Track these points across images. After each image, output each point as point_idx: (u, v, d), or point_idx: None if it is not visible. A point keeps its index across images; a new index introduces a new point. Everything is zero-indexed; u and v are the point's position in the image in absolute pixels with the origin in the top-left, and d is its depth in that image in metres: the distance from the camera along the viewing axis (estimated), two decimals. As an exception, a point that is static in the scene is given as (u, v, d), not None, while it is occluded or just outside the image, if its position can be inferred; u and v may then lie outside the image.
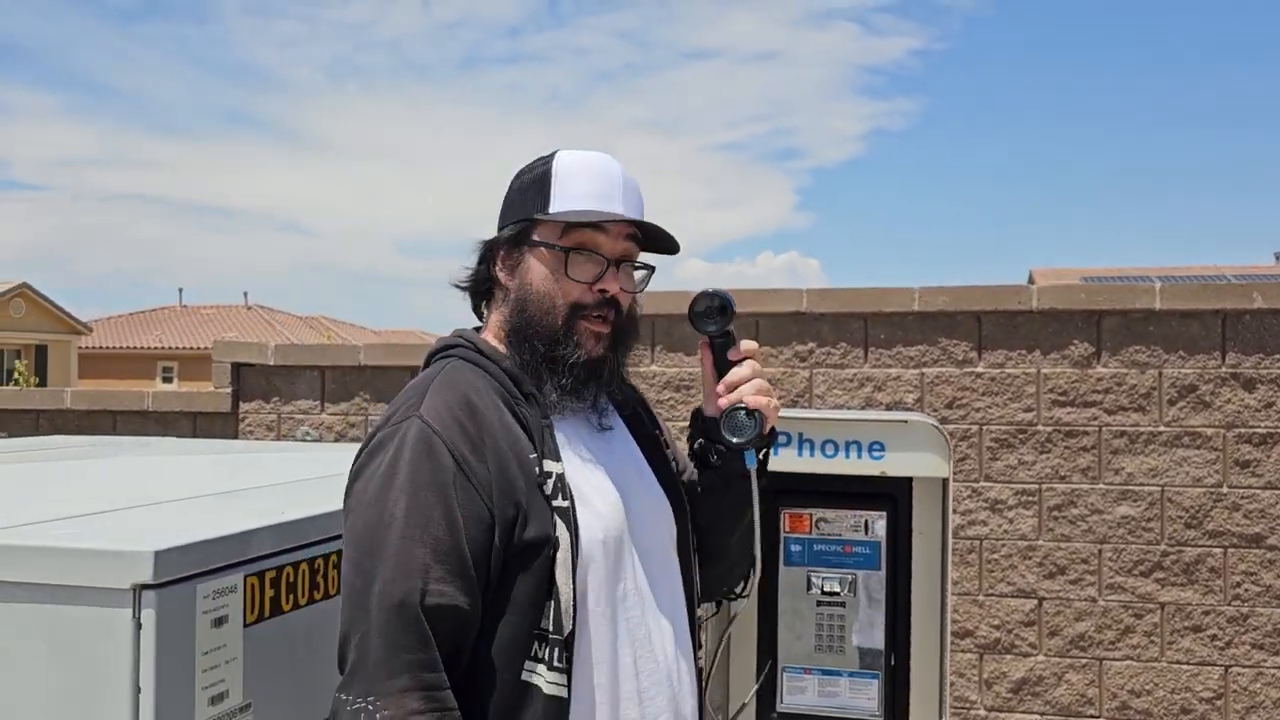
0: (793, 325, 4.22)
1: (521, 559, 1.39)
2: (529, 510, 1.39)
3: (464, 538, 1.37)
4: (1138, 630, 3.94)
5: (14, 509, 1.76)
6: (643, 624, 1.47)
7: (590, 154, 1.54)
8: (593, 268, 1.49)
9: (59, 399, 4.98)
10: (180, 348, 35.85)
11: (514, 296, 1.51)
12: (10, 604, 1.45)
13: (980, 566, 4.05)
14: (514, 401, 1.47)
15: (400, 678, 1.30)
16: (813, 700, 2.06)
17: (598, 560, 1.43)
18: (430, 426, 1.41)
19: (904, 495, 2.10)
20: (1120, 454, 3.97)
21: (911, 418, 1.97)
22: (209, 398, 4.78)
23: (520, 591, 1.38)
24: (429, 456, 1.39)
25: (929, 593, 2.08)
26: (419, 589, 1.33)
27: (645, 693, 1.46)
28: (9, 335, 31.25)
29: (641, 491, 1.54)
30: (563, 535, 1.39)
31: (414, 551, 1.35)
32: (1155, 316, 3.98)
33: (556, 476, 1.42)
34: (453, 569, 1.35)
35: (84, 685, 1.43)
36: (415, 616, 1.32)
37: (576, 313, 1.48)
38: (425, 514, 1.36)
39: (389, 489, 1.39)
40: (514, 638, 1.38)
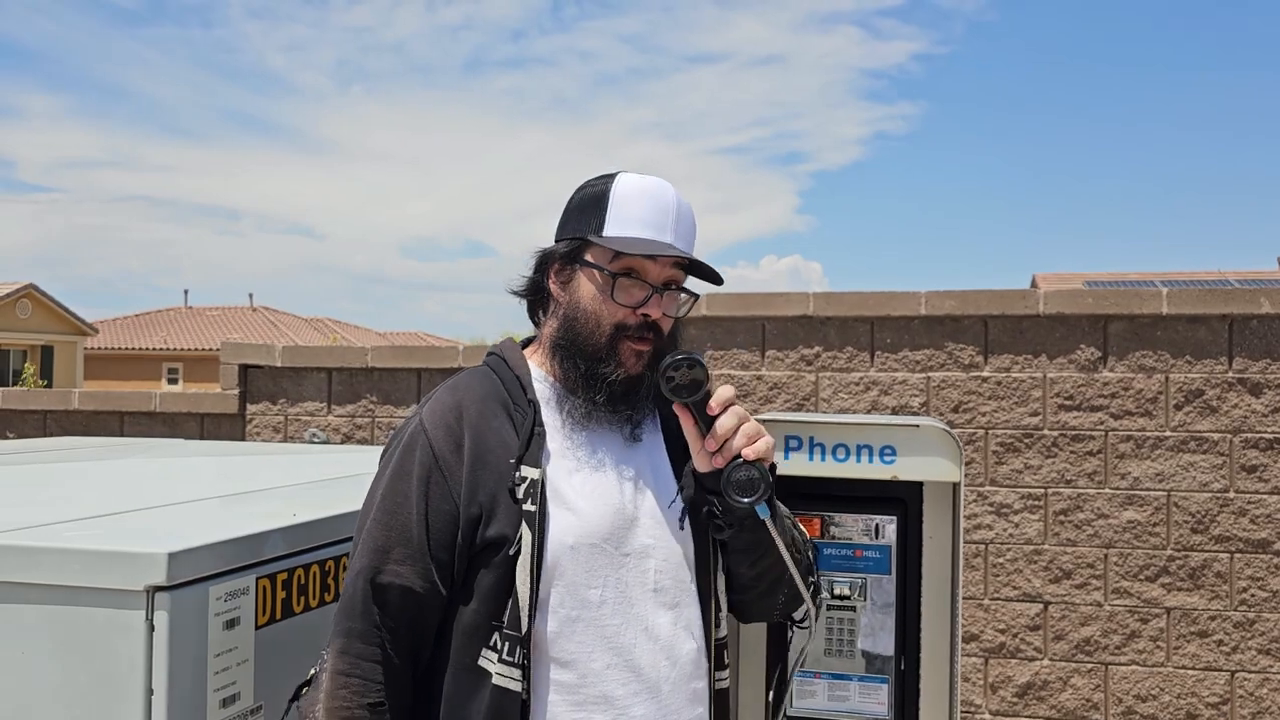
0: (799, 329, 4.22)
1: (484, 555, 1.48)
2: (495, 510, 1.48)
3: (428, 527, 1.49)
4: (1144, 635, 3.94)
5: (27, 510, 1.77)
6: (624, 632, 1.50)
7: (649, 181, 1.59)
8: (638, 293, 1.54)
9: (67, 400, 5.00)
10: (185, 349, 35.90)
11: (564, 311, 1.58)
12: (24, 605, 1.46)
13: (986, 570, 4.05)
14: (514, 408, 1.55)
15: (340, 638, 1.46)
16: (822, 704, 2.05)
17: (565, 565, 1.48)
18: (423, 426, 1.55)
19: (914, 499, 2.10)
20: (1126, 458, 3.97)
21: (923, 422, 1.97)
22: (216, 399, 4.79)
23: (484, 584, 1.48)
24: (412, 452, 1.53)
25: (939, 597, 2.08)
26: (374, 567, 1.48)
27: (618, 700, 1.48)
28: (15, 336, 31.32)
29: (654, 504, 1.56)
30: (526, 537, 1.46)
31: (378, 534, 1.50)
32: (1162, 321, 3.98)
33: (531, 481, 1.49)
34: (412, 553, 1.48)
35: (97, 686, 1.44)
36: (364, 590, 1.47)
37: (620, 333, 1.54)
38: (397, 502, 1.51)
39: (380, 478, 1.56)
40: (474, 625, 1.48)
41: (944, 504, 2.07)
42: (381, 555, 1.49)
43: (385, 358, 4.67)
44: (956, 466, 1.94)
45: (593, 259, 1.56)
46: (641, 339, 1.54)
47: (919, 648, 2.06)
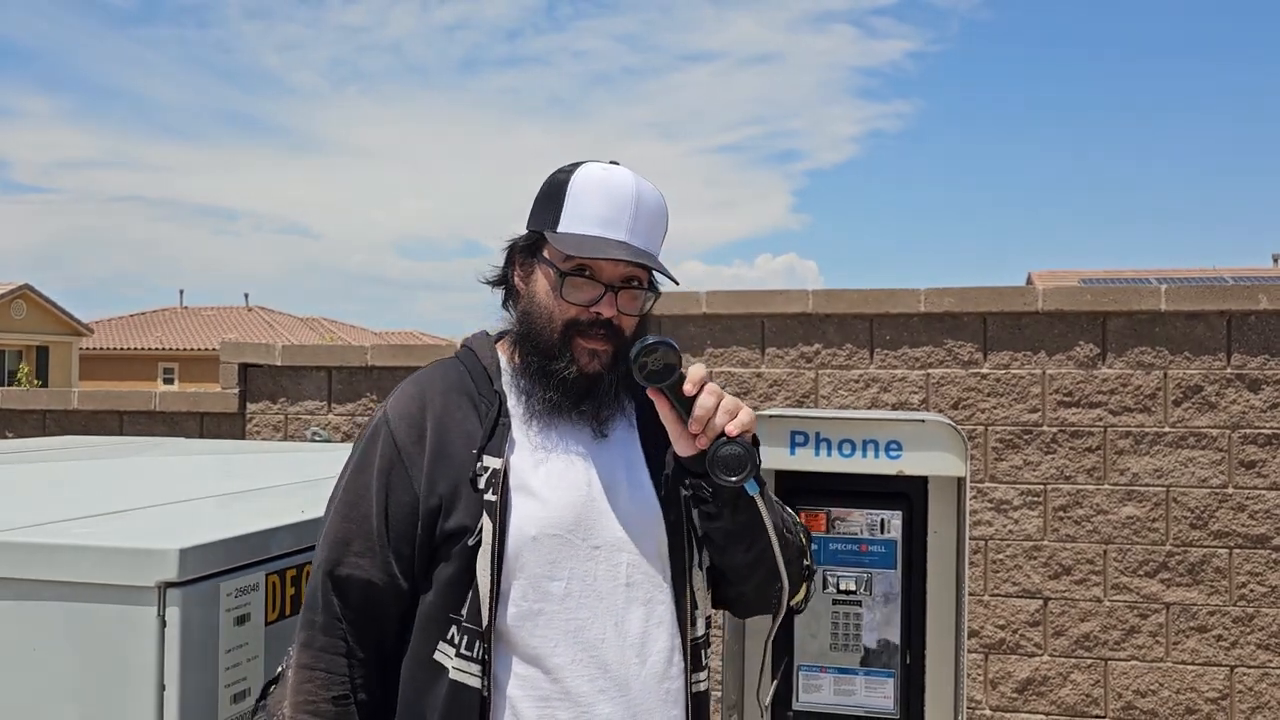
0: (798, 326, 4.23)
1: (445, 547, 1.46)
2: (455, 501, 1.46)
3: (388, 519, 1.47)
4: (1143, 630, 3.96)
5: (38, 509, 1.77)
6: (590, 626, 1.46)
7: (610, 172, 1.54)
8: (590, 292, 1.50)
9: (66, 399, 4.99)
10: (181, 349, 35.84)
11: (523, 305, 1.56)
12: (38, 601, 1.47)
13: (986, 567, 4.06)
14: (479, 399, 1.53)
15: (304, 631, 1.46)
16: (828, 698, 2.06)
17: (526, 556, 1.45)
18: (386, 418, 1.54)
19: (919, 495, 2.11)
20: (1125, 454, 3.99)
21: (929, 417, 1.98)
22: (216, 398, 4.80)
23: (443, 576, 1.46)
24: (375, 444, 1.52)
25: (944, 591, 2.09)
26: (334, 559, 1.47)
27: (582, 697, 1.44)
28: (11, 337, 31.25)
29: (628, 497, 1.52)
30: (487, 527, 1.44)
31: (339, 526, 1.49)
32: (1160, 318, 4.00)
33: (493, 471, 1.46)
34: (372, 546, 1.47)
35: (110, 681, 1.44)
36: (324, 582, 1.47)
37: (573, 330, 1.50)
38: (358, 494, 1.50)
39: (345, 471, 1.55)
40: (432, 617, 1.46)
41: (949, 499, 2.08)
42: (341, 548, 1.48)
43: (385, 356, 4.67)
44: (962, 461, 1.95)
45: (548, 255, 1.53)
46: (596, 337, 1.50)
47: (924, 642, 2.07)
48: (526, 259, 1.56)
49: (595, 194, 1.51)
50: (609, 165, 1.56)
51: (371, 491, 1.48)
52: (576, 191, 1.52)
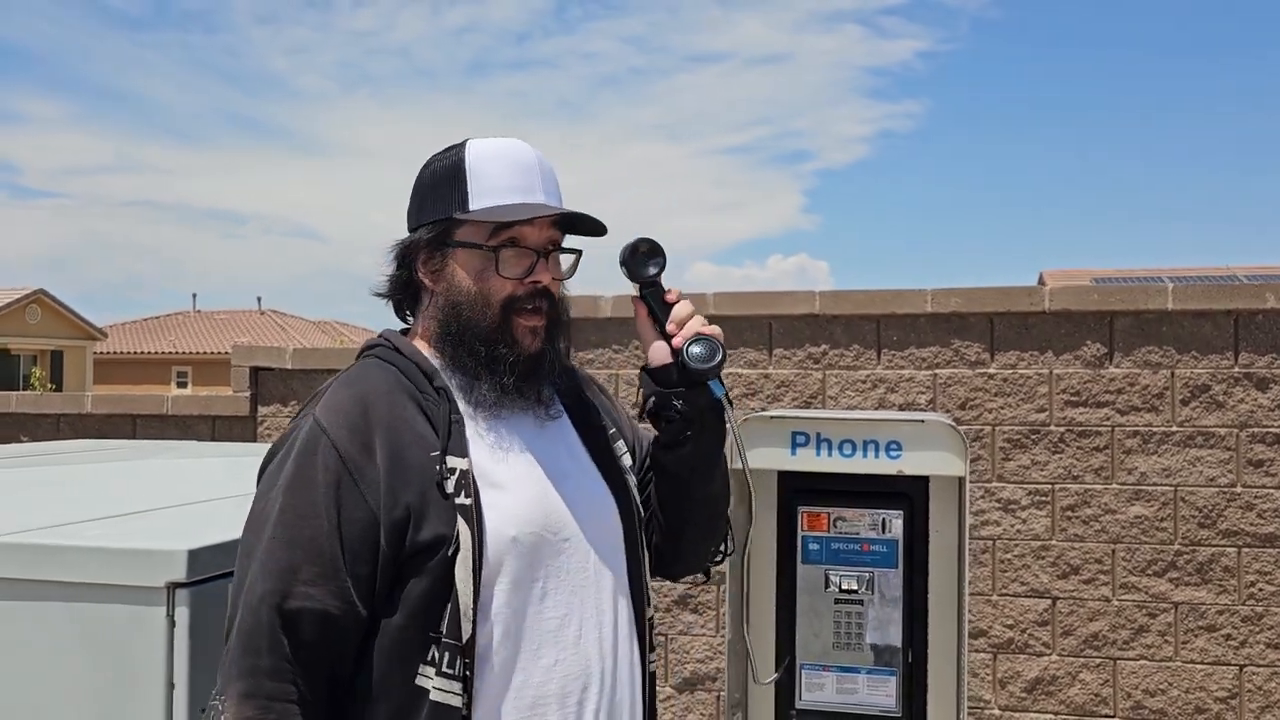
0: (805, 327, 4.25)
1: (416, 561, 1.33)
2: (424, 511, 1.34)
3: (340, 540, 1.32)
4: (1152, 630, 3.95)
5: (50, 510, 1.80)
6: (569, 623, 1.41)
7: (503, 141, 1.48)
8: (523, 263, 1.44)
9: (80, 403, 5.04)
10: (194, 352, 36.03)
11: (443, 301, 1.46)
12: (49, 602, 1.49)
13: (994, 566, 4.07)
14: (423, 398, 1.42)
15: (245, 680, 1.28)
16: (831, 697, 2.08)
17: (510, 559, 1.37)
18: (320, 425, 1.37)
19: (920, 494, 2.12)
20: (1133, 454, 3.99)
21: (928, 417, 1.99)
22: (227, 401, 4.83)
23: (415, 594, 1.33)
24: (313, 456, 1.35)
25: (946, 590, 2.10)
26: (279, 591, 1.30)
27: (570, 696, 1.39)
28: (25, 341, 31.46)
29: (579, 485, 1.48)
30: (464, 534, 1.33)
31: (280, 553, 1.32)
32: (1168, 317, 4.00)
33: (461, 473, 1.36)
34: (325, 571, 1.31)
35: (119, 681, 1.47)
36: (271, 619, 1.29)
37: (510, 308, 1.43)
38: (299, 514, 1.33)
39: (272, 487, 1.37)
40: (407, 641, 1.33)
41: (950, 499, 2.09)
42: (287, 577, 1.30)
43: (395, 359, 4.70)
44: (962, 461, 1.96)
45: (464, 237, 1.43)
46: (535, 311, 1.43)
47: (926, 641, 2.08)
48: (434, 253, 1.46)
49: (498, 163, 1.45)
50: (493, 137, 1.49)
51: (319, 510, 1.32)
52: (476, 167, 1.44)
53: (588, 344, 4.39)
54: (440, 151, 1.50)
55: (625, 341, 4.38)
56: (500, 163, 1.45)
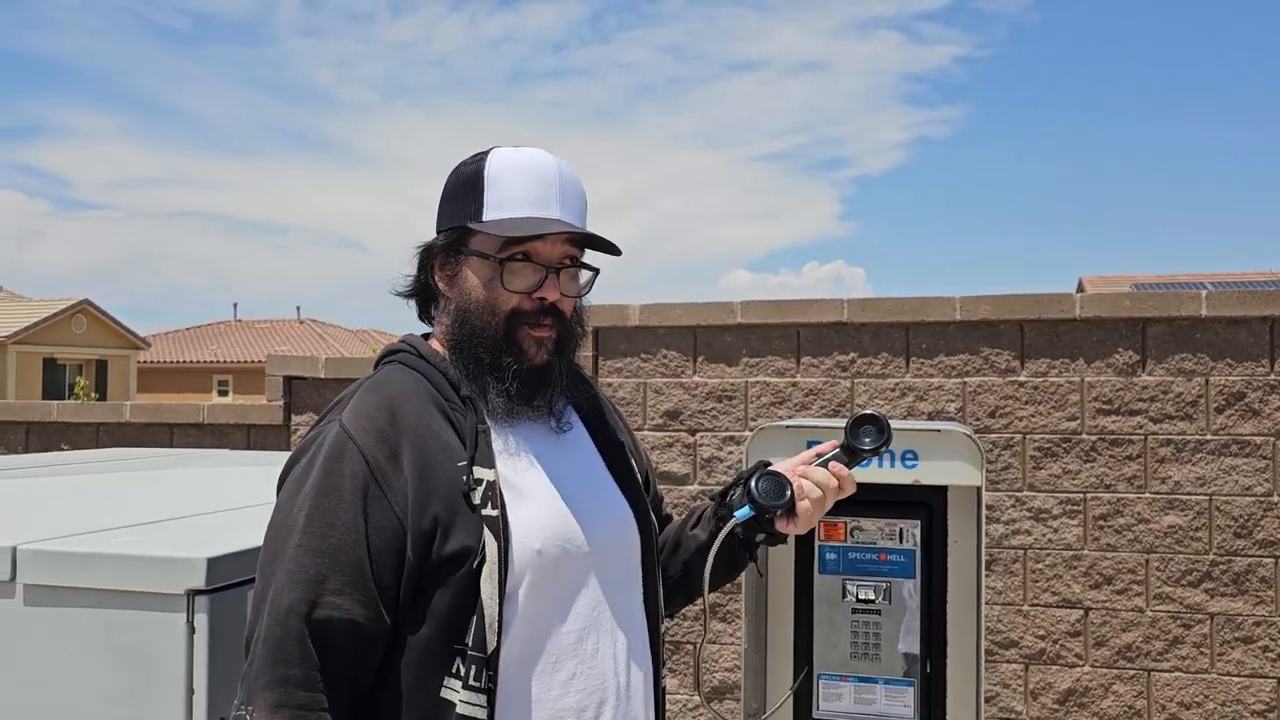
0: (834, 335, 4.23)
1: (441, 572, 1.33)
2: (452, 522, 1.33)
3: (368, 549, 1.31)
4: (1187, 641, 3.90)
5: (77, 518, 1.84)
6: (587, 637, 1.41)
7: (525, 152, 1.47)
8: (530, 277, 1.43)
9: (119, 412, 5.13)
10: (235, 361, 36.50)
11: (455, 306, 1.46)
12: (73, 608, 1.53)
13: (1025, 576, 4.03)
14: (449, 407, 1.41)
15: (275, 691, 1.26)
16: (849, 706, 2.07)
17: (533, 571, 1.36)
18: (347, 432, 1.36)
19: (939, 504, 2.11)
20: (1167, 462, 3.93)
21: (945, 426, 1.98)
22: (262, 410, 4.90)
23: (441, 605, 1.33)
24: (340, 463, 1.34)
25: (965, 600, 2.08)
26: (307, 600, 1.29)
27: (587, 710, 1.39)
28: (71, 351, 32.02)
29: (600, 499, 1.48)
30: (490, 546, 1.32)
31: (308, 561, 1.30)
32: (1202, 323, 3.94)
33: (487, 484, 1.35)
34: (352, 580, 1.30)
35: (141, 685, 1.50)
36: (299, 629, 1.28)
37: (517, 320, 1.43)
38: (327, 522, 1.32)
39: (297, 494, 1.35)
40: (432, 652, 1.33)
41: (969, 508, 2.08)
42: (315, 586, 1.29)
43: (425, 368, 4.74)
44: (978, 470, 1.95)
45: (476, 246, 1.43)
46: (540, 325, 1.43)
47: (945, 651, 2.07)
48: (448, 259, 1.46)
49: (516, 175, 1.44)
50: (519, 146, 1.48)
51: (345, 519, 1.31)
52: (495, 177, 1.44)
53: (616, 353, 4.41)
54: (467, 158, 1.50)
55: (653, 350, 4.39)
56: (519, 174, 1.44)
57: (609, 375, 4.39)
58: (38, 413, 5.17)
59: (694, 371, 4.34)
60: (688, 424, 4.33)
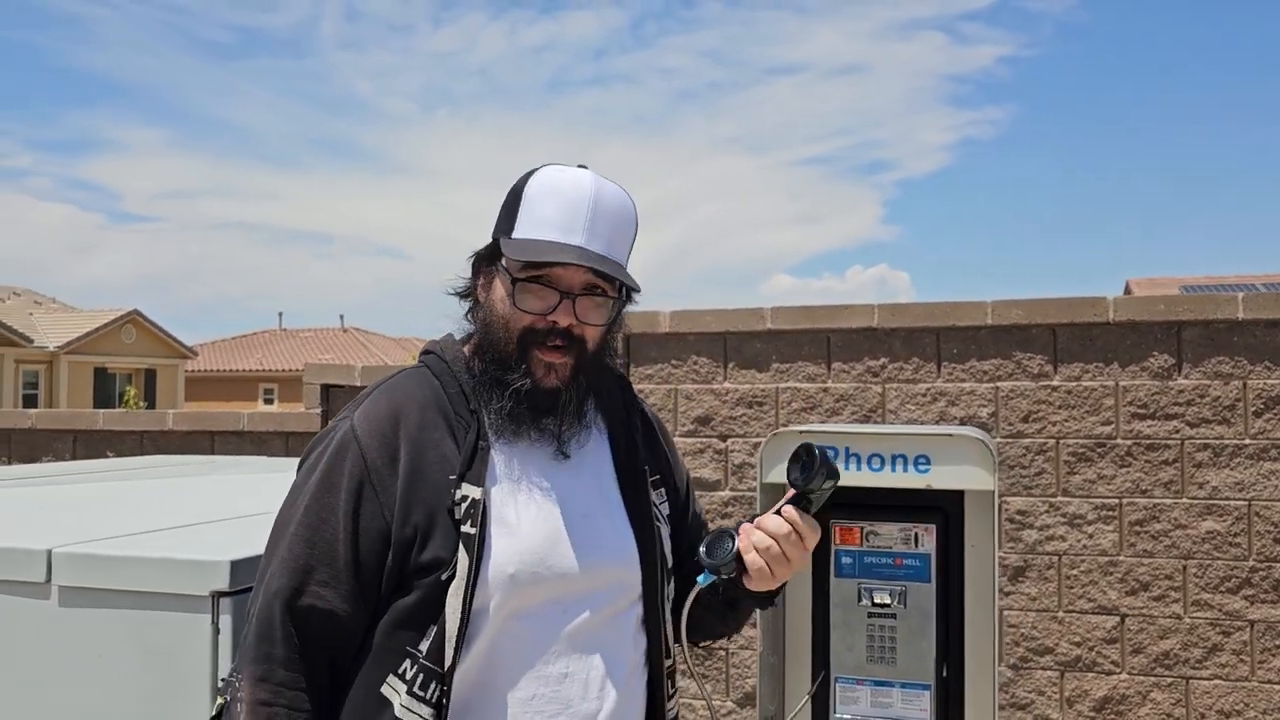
0: (864, 341, 4.23)
1: (414, 579, 1.37)
2: (430, 532, 1.36)
3: (355, 547, 1.37)
4: (1226, 648, 3.84)
5: (110, 523, 1.90)
6: (555, 661, 1.40)
7: (569, 174, 1.47)
8: (545, 300, 1.43)
9: (162, 420, 5.24)
10: (280, 370, 37.02)
11: (482, 314, 1.49)
12: (105, 609, 1.58)
13: (1060, 582, 3.99)
14: (456, 419, 1.43)
15: (260, 665, 1.35)
16: (865, 710, 2.08)
17: (502, 593, 1.37)
18: (354, 432, 1.42)
19: (955, 508, 2.11)
20: (1204, 467, 3.88)
21: (957, 431, 1.99)
22: (300, 418, 4.98)
23: (407, 606, 1.37)
24: (342, 461, 1.40)
25: (982, 604, 2.08)
26: (293, 588, 1.36)
27: None
28: (121, 360, 32.68)
29: (597, 527, 1.47)
30: (462, 563, 1.35)
31: (299, 550, 1.38)
32: (1238, 326, 3.89)
33: (472, 501, 1.37)
34: (337, 574, 1.36)
35: (168, 685, 1.55)
36: (284, 613, 1.35)
37: (530, 340, 1.44)
38: (322, 516, 1.38)
39: (303, 485, 1.43)
40: (386, 647, 1.37)
41: (985, 512, 2.08)
42: (303, 575, 1.36)
43: (459, 376, 4.79)
44: (991, 475, 1.95)
45: (505, 262, 1.45)
46: (551, 349, 1.43)
47: (962, 655, 2.07)
48: (486, 268, 1.50)
49: (549, 198, 1.44)
50: (568, 167, 1.49)
51: (338, 515, 1.38)
52: (531, 196, 1.46)
53: (646, 359, 4.44)
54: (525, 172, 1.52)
55: (684, 357, 4.41)
56: (552, 197, 1.45)
57: (640, 382, 4.42)
58: (84, 421, 5.30)
59: (724, 378, 4.36)
60: (719, 430, 4.34)
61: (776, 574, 1.47)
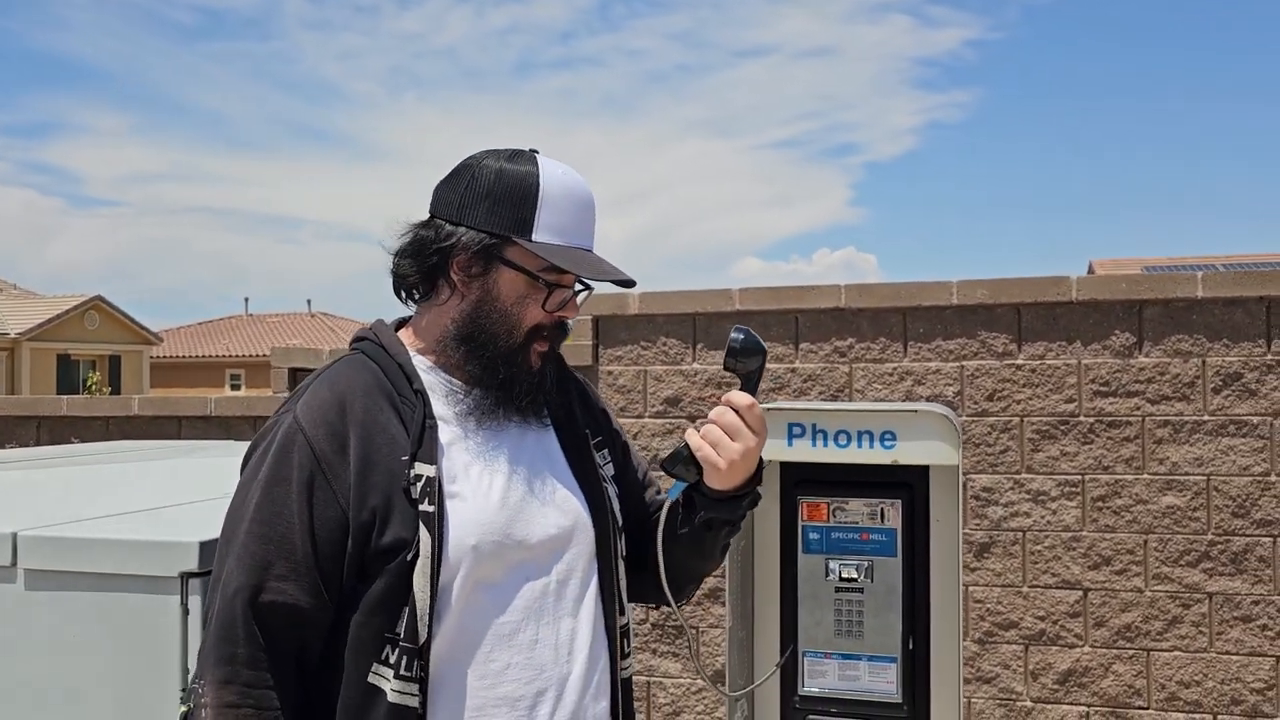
0: (831, 321, 4.26)
1: (378, 563, 1.37)
2: (389, 514, 1.38)
3: (313, 538, 1.37)
4: (1185, 620, 3.92)
5: (77, 506, 1.89)
6: (524, 628, 1.43)
7: (572, 179, 1.50)
8: (563, 300, 1.51)
9: (127, 406, 5.19)
10: (247, 355, 36.69)
11: (471, 309, 1.48)
12: (70, 592, 1.57)
13: (1024, 558, 4.05)
14: (400, 401, 1.44)
15: (223, 668, 1.33)
16: (833, 684, 2.11)
17: (467, 565, 1.40)
18: (299, 424, 1.41)
19: (921, 484, 2.14)
20: (1164, 444, 3.95)
21: (921, 407, 2.01)
22: (267, 402, 4.95)
23: (375, 594, 1.38)
24: (289, 454, 1.40)
25: (947, 578, 2.12)
26: (252, 584, 1.35)
27: (522, 700, 1.41)
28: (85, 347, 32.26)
29: (552, 492, 1.51)
30: (424, 540, 1.36)
31: (255, 547, 1.37)
32: (1198, 305, 3.95)
33: (426, 479, 1.39)
34: (296, 567, 1.36)
35: (138, 666, 1.55)
36: (245, 611, 1.34)
37: (534, 335, 1.49)
38: (275, 510, 1.38)
39: (251, 482, 1.42)
40: (365, 638, 1.38)
41: (951, 488, 2.11)
42: (261, 572, 1.36)
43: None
44: (955, 450, 1.98)
45: (517, 259, 1.46)
46: (549, 340, 1.50)
47: (928, 628, 2.10)
48: (477, 259, 1.47)
49: (568, 203, 1.48)
50: (561, 164, 1.51)
51: (292, 508, 1.37)
52: (549, 200, 1.46)
53: (616, 341, 4.44)
54: (509, 156, 1.50)
55: (653, 338, 4.42)
56: (570, 200, 1.48)
57: (609, 363, 4.43)
58: (48, 407, 5.24)
59: (694, 359, 4.37)
60: (688, 410, 4.36)
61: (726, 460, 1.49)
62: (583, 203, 1.50)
